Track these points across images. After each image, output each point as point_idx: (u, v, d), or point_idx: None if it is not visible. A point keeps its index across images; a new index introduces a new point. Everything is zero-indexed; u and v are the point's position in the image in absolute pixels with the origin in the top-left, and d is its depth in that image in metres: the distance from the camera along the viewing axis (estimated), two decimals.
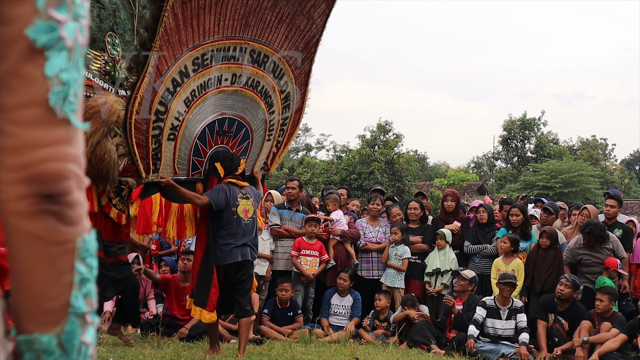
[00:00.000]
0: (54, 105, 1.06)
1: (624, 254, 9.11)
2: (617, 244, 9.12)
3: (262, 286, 9.41)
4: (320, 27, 6.92)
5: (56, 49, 1.06)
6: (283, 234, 9.66)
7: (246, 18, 6.44)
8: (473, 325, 8.47)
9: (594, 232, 8.95)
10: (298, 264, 9.39)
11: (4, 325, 1.10)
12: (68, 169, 1.07)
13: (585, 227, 9.09)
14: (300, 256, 9.41)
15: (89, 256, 1.12)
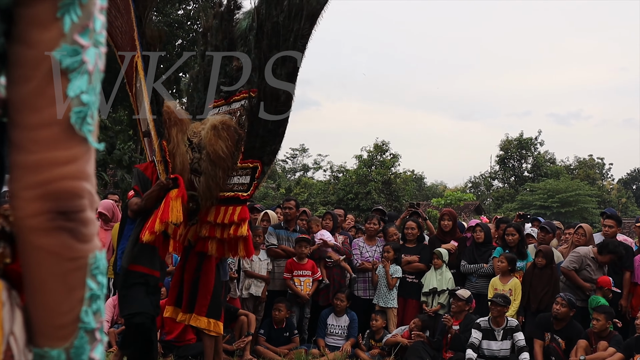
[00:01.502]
0: (74, 123, 1.10)
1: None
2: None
3: (258, 307, 9.40)
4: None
5: (79, 72, 1.11)
6: (280, 254, 9.65)
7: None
8: (470, 349, 8.44)
9: (618, 252, 8.99)
10: (293, 286, 9.37)
11: (25, 334, 1.13)
12: (83, 188, 1.12)
13: (608, 245, 9.10)
14: (293, 277, 9.39)
15: (100, 273, 1.15)
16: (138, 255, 6.28)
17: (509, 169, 57.43)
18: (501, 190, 57.50)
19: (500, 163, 58.01)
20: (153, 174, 6.60)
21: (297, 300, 9.50)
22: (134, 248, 6.29)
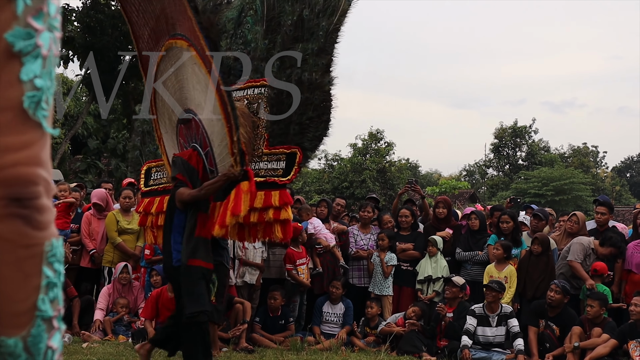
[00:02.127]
0: (27, 108, 1.07)
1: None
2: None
3: (253, 294, 9.41)
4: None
5: (32, 56, 1.08)
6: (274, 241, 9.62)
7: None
8: (465, 336, 8.46)
9: (620, 247, 9.04)
10: (296, 276, 9.35)
11: None
12: (38, 174, 1.09)
13: (616, 244, 9.11)
14: (296, 267, 9.36)
15: (56, 261, 1.13)
16: (195, 249, 6.19)
17: (504, 157, 57.45)
18: (496, 178, 57.56)
19: (494, 151, 58.03)
20: (198, 163, 6.52)
21: (300, 290, 9.53)
22: (190, 242, 6.21)
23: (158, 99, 6.99)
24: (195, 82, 6.41)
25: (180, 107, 6.79)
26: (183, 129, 6.87)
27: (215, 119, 6.26)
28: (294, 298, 9.43)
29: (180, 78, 6.60)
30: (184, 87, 6.61)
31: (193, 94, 6.52)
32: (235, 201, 6.20)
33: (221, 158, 6.46)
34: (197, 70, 6.30)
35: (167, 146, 7.17)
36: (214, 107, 6.19)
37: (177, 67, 6.54)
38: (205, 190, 6.21)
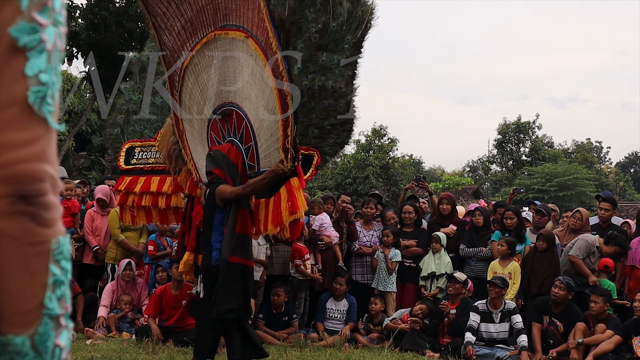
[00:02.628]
0: (32, 103, 1.07)
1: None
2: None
3: (257, 291, 9.40)
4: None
5: (37, 51, 1.07)
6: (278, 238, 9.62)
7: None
8: (469, 332, 8.45)
9: (625, 246, 9.07)
10: (305, 271, 9.32)
11: None
12: (44, 171, 1.08)
13: (615, 237, 9.15)
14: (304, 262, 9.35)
15: (63, 259, 1.12)
16: (235, 246, 6.15)
17: (507, 153, 57.36)
18: (499, 174, 57.44)
19: (498, 147, 57.94)
20: (237, 158, 6.42)
21: (315, 286, 9.57)
22: (232, 239, 6.14)
23: (186, 92, 6.90)
24: (248, 74, 6.28)
25: (216, 100, 6.67)
26: (217, 123, 6.73)
27: (268, 113, 6.12)
28: (299, 294, 9.43)
29: (223, 70, 6.47)
30: (228, 79, 6.47)
31: (242, 87, 6.38)
32: (291, 199, 6.10)
33: (267, 154, 6.35)
34: (253, 63, 6.16)
35: (191, 141, 7.07)
36: (267, 101, 6.08)
37: (220, 58, 6.43)
38: (251, 188, 6.13)
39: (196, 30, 6.52)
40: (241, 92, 6.40)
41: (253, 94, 6.27)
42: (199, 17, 6.42)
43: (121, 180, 7.94)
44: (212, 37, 6.41)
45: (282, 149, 6.00)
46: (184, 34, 6.60)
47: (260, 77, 6.12)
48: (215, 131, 6.77)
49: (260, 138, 6.35)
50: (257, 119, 6.31)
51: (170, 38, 6.69)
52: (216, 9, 6.25)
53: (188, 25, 6.52)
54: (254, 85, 6.24)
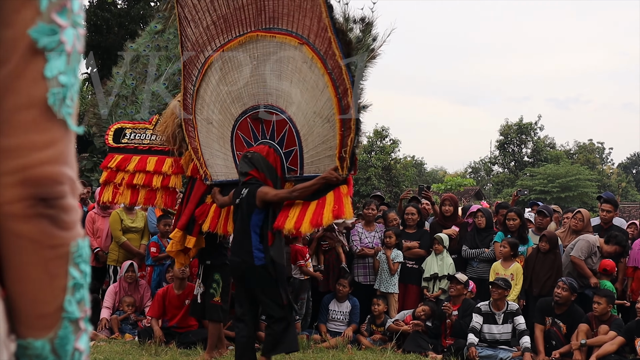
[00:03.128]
0: (52, 105, 1.07)
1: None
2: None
3: None
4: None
5: (56, 52, 1.07)
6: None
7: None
8: (472, 334, 8.44)
9: (626, 246, 9.12)
10: (309, 271, 9.33)
11: (5, 324, 1.09)
12: (63, 173, 1.08)
13: (617, 237, 9.17)
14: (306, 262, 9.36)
15: (83, 261, 1.12)
16: (281, 247, 6.30)
17: (509, 154, 57.30)
18: (501, 175, 57.38)
19: (500, 148, 57.88)
20: (276, 162, 6.42)
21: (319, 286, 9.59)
22: (279, 240, 6.28)
23: (207, 88, 6.84)
24: (297, 80, 6.22)
25: (248, 100, 6.62)
26: (248, 123, 6.67)
27: (320, 120, 6.11)
28: (301, 295, 9.42)
29: (263, 72, 6.43)
30: (270, 82, 6.42)
31: (289, 91, 6.32)
32: (338, 204, 6.00)
33: (314, 160, 6.33)
34: (306, 69, 6.10)
35: (205, 138, 7.02)
36: (321, 109, 6.05)
37: (262, 60, 6.39)
38: (299, 192, 6.11)
39: (230, 28, 6.47)
40: (287, 96, 6.37)
41: (303, 99, 6.24)
42: (236, 15, 6.37)
43: (110, 157, 7.88)
44: (255, 37, 6.37)
45: (338, 157, 5.97)
46: (213, 30, 6.57)
47: (315, 85, 6.09)
48: (245, 131, 6.75)
49: (308, 144, 6.34)
50: (306, 124, 6.29)
51: (196, 31, 6.65)
52: (261, 10, 6.23)
53: (220, 22, 6.48)
54: (305, 91, 6.21)
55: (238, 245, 6.31)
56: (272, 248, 6.17)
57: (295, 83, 6.24)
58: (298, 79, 6.21)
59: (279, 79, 6.34)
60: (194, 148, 7.01)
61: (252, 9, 6.26)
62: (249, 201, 6.23)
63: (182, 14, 6.65)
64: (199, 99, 6.90)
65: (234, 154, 6.83)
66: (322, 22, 5.76)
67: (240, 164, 6.43)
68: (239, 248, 6.28)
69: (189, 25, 6.68)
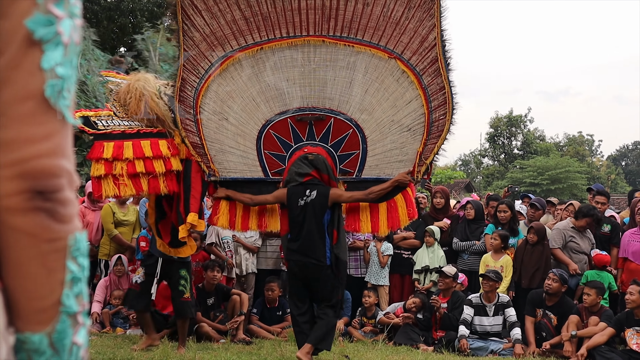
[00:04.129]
0: (49, 97, 1.06)
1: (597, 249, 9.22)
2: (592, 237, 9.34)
3: (244, 284, 9.44)
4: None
5: (53, 43, 1.06)
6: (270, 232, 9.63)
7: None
8: (463, 325, 8.46)
9: (596, 215, 9.16)
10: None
11: (4, 317, 1.08)
12: (61, 166, 1.07)
13: (588, 209, 9.30)
14: None
15: (81, 255, 1.11)
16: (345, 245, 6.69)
17: (499, 147, 57.39)
18: (491, 167, 57.47)
19: (490, 141, 57.96)
20: (332, 164, 6.66)
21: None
22: (345, 238, 6.66)
23: (225, 83, 6.77)
24: (376, 89, 6.52)
25: (292, 102, 6.72)
26: (288, 124, 6.76)
27: (398, 128, 6.55)
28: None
29: (325, 76, 6.58)
30: (334, 88, 6.61)
31: (361, 99, 6.58)
32: (411, 206, 6.56)
33: (379, 163, 6.71)
34: (391, 81, 6.47)
35: (212, 132, 6.92)
36: (401, 118, 6.51)
37: (325, 65, 6.54)
38: (376, 194, 6.44)
39: (273, 27, 6.48)
40: (358, 103, 6.60)
41: (379, 108, 6.56)
42: (285, 16, 6.42)
43: (99, 146, 7.02)
44: (318, 42, 6.47)
45: (417, 164, 6.50)
46: (243, 25, 6.48)
47: (399, 96, 6.48)
48: (283, 132, 6.80)
49: (376, 149, 6.69)
50: (378, 130, 6.63)
51: (212, 22, 6.51)
52: (330, 17, 6.36)
53: (257, 19, 6.45)
54: (384, 100, 6.53)
55: (310, 246, 6.41)
56: (337, 246, 6.45)
57: (372, 92, 6.54)
58: (377, 88, 6.52)
59: (349, 86, 6.56)
60: (192, 142, 6.90)
61: (317, 15, 6.37)
62: (320, 202, 6.41)
63: (188, 1, 6.48)
64: (208, 94, 6.79)
65: (260, 152, 6.86)
66: (428, 43, 6.27)
67: (298, 165, 6.55)
68: (312, 249, 6.40)
69: (199, 14, 6.50)
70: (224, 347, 7.56)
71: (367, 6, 6.27)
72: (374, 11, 6.30)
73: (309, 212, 6.41)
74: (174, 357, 6.79)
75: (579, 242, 9.17)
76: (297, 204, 6.45)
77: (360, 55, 6.44)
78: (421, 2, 6.22)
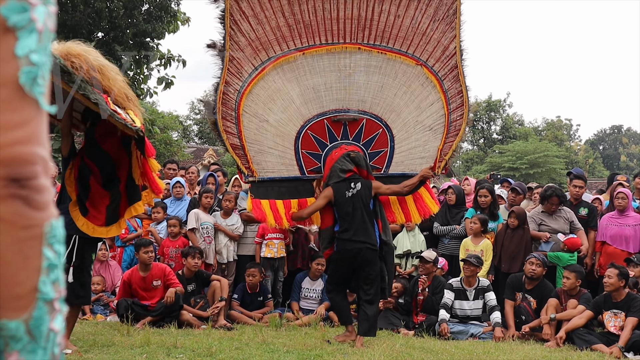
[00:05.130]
0: (23, 84, 1.04)
1: (580, 226, 9.27)
2: (572, 215, 9.32)
3: (225, 270, 9.46)
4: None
5: (27, 30, 1.05)
6: (252, 218, 9.61)
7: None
8: (443, 310, 8.51)
9: (556, 193, 9.20)
10: (259, 251, 9.47)
11: None
12: (36, 153, 1.06)
13: (546, 190, 9.41)
14: (266, 240, 9.39)
15: (57, 242, 1.11)
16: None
17: (478, 131, 57.62)
18: (470, 152, 57.74)
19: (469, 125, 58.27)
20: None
21: (271, 264, 9.51)
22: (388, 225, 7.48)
23: (267, 87, 7.13)
24: (403, 93, 7.35)
25: (329, 104, 7.28)
26: (325, 125, 7.32)
27: (422, 128, 7.45)
28: (266, 273, 9.39)
29: (358, 80, 7.25)
30: (367, 91, 7.30)
31: (391, 101, 7.35)
32: (433, 196, 7.72)
33: (404, 160, 7.54)
34: (417, 85, 7.35)
35: (252, 134, 7.17)
36: (425, 119, 7.43)
37: (358, 70, 7.24)
38: (409, 188, 7.25)
39: (313, 34, 7.09)
40: (388, 105, 7.37)
41: (406, 109, 7.39)
42: (324, 24, 7.05)
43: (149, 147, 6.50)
44: (354, 49, 7.17)
45: (438, 160, 7.43)
46: (286, 32, 7.02)
47: (424, 98, 7.38)
48: (319, 132, 7.35)
49: (402, 146, 7.49)
50: (404, 130, 7.43)
51: (258, 28, 6.96)
52: (365, 27, 7.10)
53: (299, 26, 7.03)
54: (410, 103, 7.38)
55: (364, 232, 7.05)
56: (385, 232, 7.25)
57: (400, 95, 7.35)
58: (405, 92, 7.34)
59: (380, 90, 7.31)
60: (232, 144, 7.14)
61: (354, 25, 7.09)
62: (365, 192, 7.12)
63: (236, 7, 6.85)
64: (250, 96, 7.10)
65: (297, 152, 7.34)
66: (449, 52, 7.26)
67: (342, 162, 7.13)
68: (366, 234, 7.06)
69: (247, 20, 6.92)
70: (205, 333, 7.55)
71: (398, 18, 7.09)
72: (404, 23, 7.12)
73: (357, 202, 7.06)
74: (154, 342, 6.77)
75: (550, 224, 9.26)
76: (344, 197, 7.05)
77: (391, 61, 7.22)
78: (444, 15, 7.14)
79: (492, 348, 7.49)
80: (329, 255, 7.38)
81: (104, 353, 6.29)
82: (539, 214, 9.39)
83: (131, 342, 6.79)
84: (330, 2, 7.03)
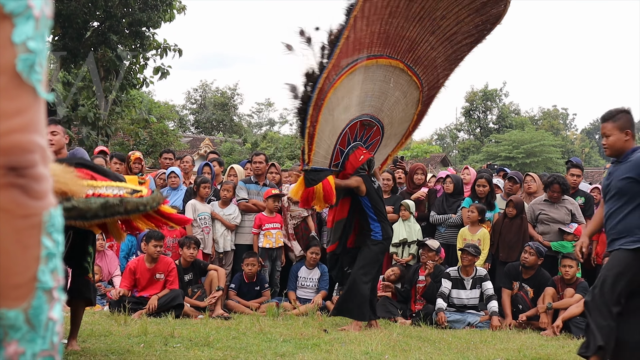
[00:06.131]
0: (20, 71, 1.03)
1: (582, 219, 9.26)
2: (576, 208, 9.30)
3: (222, 260, 9.45)
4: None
5: (24, 17, 1.03)
6: (251, 208, 9.63)
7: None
8: (440, 299, 8.53)
9: (558, 181, 9.19)
10: (256, 241, 9.47)
11: None
12: (34, 141, 1.05)
13: (549, 177, 9.44)
14: (264, 231, 9.39)
15: (55, 231, 1.10)
16: None
17: (475, 121, 57.66)
18: (467, 142, 57.80)
19: (465, 115, 58.19)
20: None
21: (269, 254, 9.51)
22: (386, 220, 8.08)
23: (343, 86, 7.29)
24: (402, 109, 8.05)
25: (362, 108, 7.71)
26: (357, 127, 7.77)
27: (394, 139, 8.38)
28: (264, 263, 9.40)
29: (388, 93, 7.83)
30: (386, 103, 7.86)
31: (395, 115, 8.02)
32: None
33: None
34: (411, 106, 8.12)
35: (322, 124, 7.30)
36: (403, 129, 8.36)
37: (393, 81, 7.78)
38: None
39: (386, 45, 7.51)
40: (393, 117, 8.03)
41: (396, 125, 8.17)
42: (394, 40, 7.52)
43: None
44: (399, 65, 7.72)
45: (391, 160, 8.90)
46: (375, 38, 7.35)
47: (409, 118, 8.23)
48: (352, 132, 7.75)
49: (380, 151, 8.25)
50: (386, 138, 8.17)
51: (365, 29, 7.21)
52: (411, 50, 7.71)
53: (383, 36, 7.40)
54: (402, 121, 8.20)
55: (366, 225, 7.79)
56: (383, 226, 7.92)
57: (400, 109, 8.05)
58: (403, 109, 8.06)
59: (396, 103, 7.93)
60: (309, 132, 7.21)
61: (405, 45, 7.62)
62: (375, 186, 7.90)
63: (361, 5, 6.99)
64: (336, 90, 7.25)
65: (335, 146, 7.63)
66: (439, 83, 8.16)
67: (371, 161, 7.85)
68: (365, 227, 7.82)
69: (362, 20, 7.11)
70: (202, 323, 7.55)
71: (433, 50, 7.81)
72: (431, 55, 7.82)
73: (381, 194, 7.98)
74: (152, 332, 6.77)
75: (549, 213, 9.26)
76: (373, 187, 7.77)
77: (412, 83, 7.89)
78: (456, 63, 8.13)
79: (489, 337, 7.51)
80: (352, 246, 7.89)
81: (101, 342, 6.28)
82: (540, 203, 9.38)
83: (128, 332, 6.78)
84: (405, 20, 7.43)
